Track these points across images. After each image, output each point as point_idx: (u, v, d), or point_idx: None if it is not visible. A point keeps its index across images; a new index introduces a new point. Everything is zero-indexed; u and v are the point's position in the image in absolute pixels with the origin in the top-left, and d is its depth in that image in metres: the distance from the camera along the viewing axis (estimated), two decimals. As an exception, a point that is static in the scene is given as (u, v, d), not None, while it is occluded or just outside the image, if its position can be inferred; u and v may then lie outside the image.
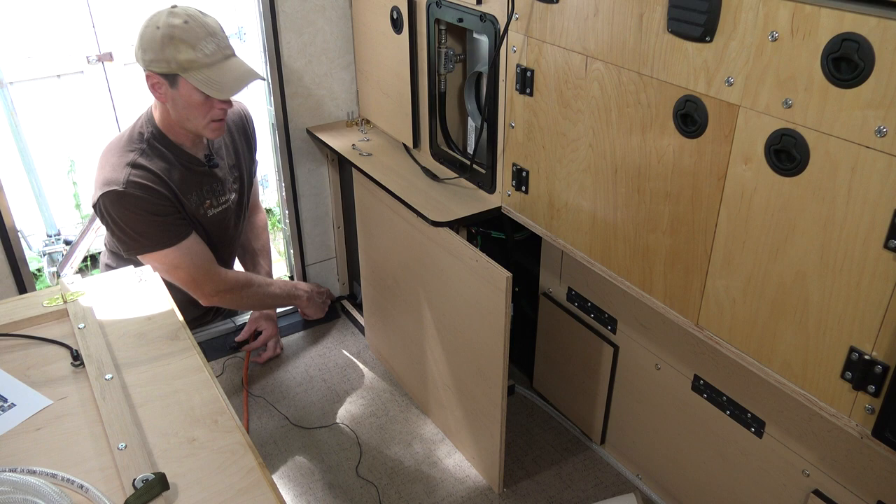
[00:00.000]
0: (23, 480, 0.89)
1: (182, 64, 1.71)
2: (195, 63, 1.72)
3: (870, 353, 1.02)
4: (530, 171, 1.58)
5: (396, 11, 1.83)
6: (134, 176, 1.79)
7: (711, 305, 1.25)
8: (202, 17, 1.75)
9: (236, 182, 2.08)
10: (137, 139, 1.85)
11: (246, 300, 2.12)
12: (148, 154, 1.84)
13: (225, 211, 2.04)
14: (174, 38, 1.70)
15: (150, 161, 1.83)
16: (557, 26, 1.37)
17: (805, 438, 1.39)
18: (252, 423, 2.09)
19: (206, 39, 1.73)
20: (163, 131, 1.87)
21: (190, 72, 1.72)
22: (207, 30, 1.74)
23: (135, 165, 1.80)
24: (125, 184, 1.77)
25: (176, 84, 1.75)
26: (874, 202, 0.95)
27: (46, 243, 3.55)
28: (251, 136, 2.16)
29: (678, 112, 1.18)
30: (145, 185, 1.79)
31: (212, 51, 1.74)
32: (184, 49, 1.70)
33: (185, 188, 1.90)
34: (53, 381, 1.12)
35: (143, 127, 1.87)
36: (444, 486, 1.88)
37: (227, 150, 2.05)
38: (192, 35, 1.71)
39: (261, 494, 0.94)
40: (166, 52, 1.70)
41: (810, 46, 0.96)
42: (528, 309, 2.15)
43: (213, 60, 1.74)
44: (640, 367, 1.75)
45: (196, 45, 1.71)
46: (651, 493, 1.86)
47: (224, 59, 1.77)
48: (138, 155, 1.82)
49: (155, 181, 1.81)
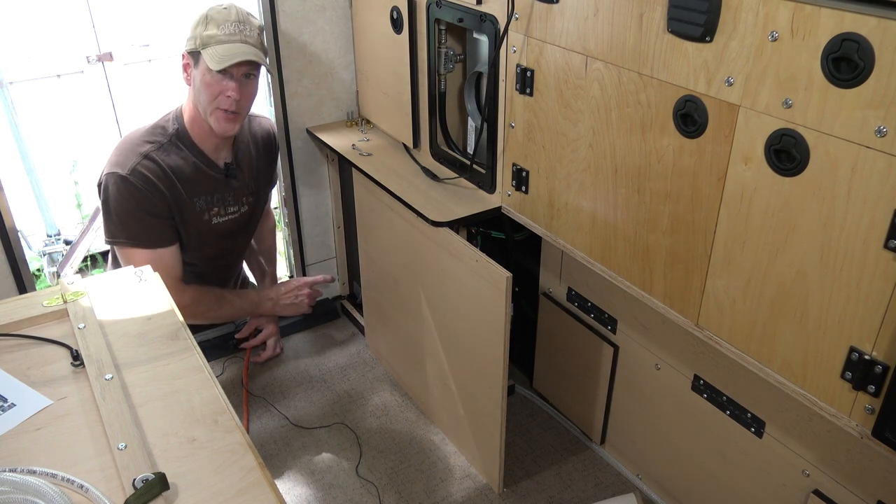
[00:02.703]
0: (23, 480, 0.89)
1: (203, 39, 1.76)
2: (213, 38, 1.76)
3: (870, 353, 1.02)
4: (530, 171, 1.58)
5: (396, 11, 1.83)
6: (141, 167, 1.80)
7: (711, 305, 1.25)
8: (244, 11, 1.81)
9: (251, 196, 2.08)
10: (160, 132, 1.87)
11: (203, 316, 2.07)
12: (165, 149, 1.85)
13: (233, 222, 2.05)
14: (208, 17, 1.77)
15: (166, 156, 1.84)
16: (557, 26, 1.37)
17: (805, 438, 1.38)
18: (252, 423, 2.09)
19: (234, 23, 1.77)
20: (187, 129, 1.88)
21: (207, 47, 1.76)
22: (240, 17, 1.79)
23: (147, 157, 1.82)
24: (131, 171, 1.79)
25: (198, 62, 1.79)
26: (874, 202, 0.95)
27: (46, 243, 3.55)
28: (274, 154, 2.17)
29: (678, 112, 1.18)
30: (149, 179, 1.80)
31: (231, 31, 1.77)
32: (211, 27, 1.76)
33: (194, 190, 1.90)
34: (53, 381, 1.12)
35: (169, 122, 1.89)
36: (444, 486, 1.88)
37: (249, 164, 2.06)
38: (224, 17, 1.77)
39: (261, 494, 0.94)
40: (197, 28, 1.77)
41: (810, 46, 0.96)
42: (528, 309, 2.15)
43: (228, 39, 1.77)
44: (640, 367, 1.75)
45: (221, 25, 1.76)
46: (651, 493, 1.86)
47: (238, 41, 1.79)
48: (155, 148, 1.84)
49: (161, 178, 1.82)
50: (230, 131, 1.87)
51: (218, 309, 2.09)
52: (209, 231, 2.00)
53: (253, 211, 2.12)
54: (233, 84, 1.79)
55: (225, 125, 1.85)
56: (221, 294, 2.11)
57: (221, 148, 1.95)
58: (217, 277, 2.16)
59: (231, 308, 2.12)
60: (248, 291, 2.24)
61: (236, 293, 2.19)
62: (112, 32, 3.76)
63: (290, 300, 2.24)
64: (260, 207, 2.16)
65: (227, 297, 2.12)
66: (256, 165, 2.09)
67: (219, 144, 1.93)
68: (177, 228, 1.92)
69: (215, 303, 2.07)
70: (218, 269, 2.16)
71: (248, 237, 2.20)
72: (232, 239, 2.11)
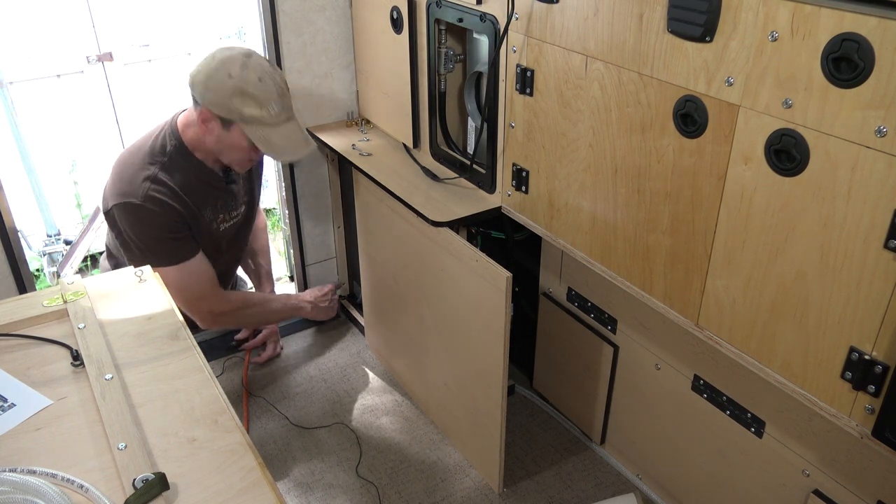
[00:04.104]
0: (23, 480, 0.89)
1: (244, 117, 1.73)
2: (258, 120, 1.74)
3: (870, 353, 1.02)
4: (530, 171, 1.58)
5: (396, 11, 1.83)
6: (152, 191, 1.78)
7: (711, 305, 1.25)
8: (274, 75, 1.77)
9: (247, 195, 2.09)
10: (160, 152, 1.84)
11: (245, 320, 2.13)
12: (168, 168, 1.83)
13: (236, 226, 2.06)
14: (245, 93, 1.71)
15: (170, 176, 1.82)
16: (557, 26, 1.37)
17: (805, 438, 1.39)
18: (252, 423, 2.09)
19: (274, 101, 1.75)
20: (188, 147, 1.86)
21: (250, 126, 1.74)
22: (278, 91, 1.76)
23: (154, 180, 1.80)
24: (143, 198, 1.78)
25: (229, 128, 1.77)
26: (874, 202, 0.95)
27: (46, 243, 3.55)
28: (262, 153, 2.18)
29: (678, 112, 1.18)
30: (162, 201, 1.79)
31: (276, 112, 1.76)
32: (251, 105, 1.72)
33: (202, 203, 1.90)
34: (53, 381, 1.12)
35: (165, 139, 1.86)
36: (444, 486, 1.88)
37: None
38: (264, 94, 1.73)
39: (261, 494, 0.94)
40: (233, 102, 1.72)
41: (810, 46, 0.96)
42: (528, 309, 2.15)
43: (275, 122, 1.76)
44: (640, 367, 1.75)
45: (264, 105, 1.73)
46: (651, 493, 1.86)
47: (285, 121, 1.79)
48: (159, 169, 1.81)
49: (172, 197, 1.81)
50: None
51: (264, 313, 2.13)
52: (220, 237, 2.01)
53: (249, 212, 2.13)
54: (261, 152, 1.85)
55: (247, 167, 1.94)
56: (264, 297, 2.17)
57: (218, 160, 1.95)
58: (223, 279, 2.15)
59: (274, 311, 2.18)
60: (284, 295, 2.29)
61: (276, 297, 2.24)
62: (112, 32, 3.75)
63: (325, 302, 2.32)
64: (254, 207, 2.17)
65: (270, 299, 2.17)
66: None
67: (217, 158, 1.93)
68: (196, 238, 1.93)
69: (260, 305, 2.12)
70: (224, 270, 2.15)
71: (247, 235, 2.21)
72: (236, 243, 2.12)
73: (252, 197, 2.13)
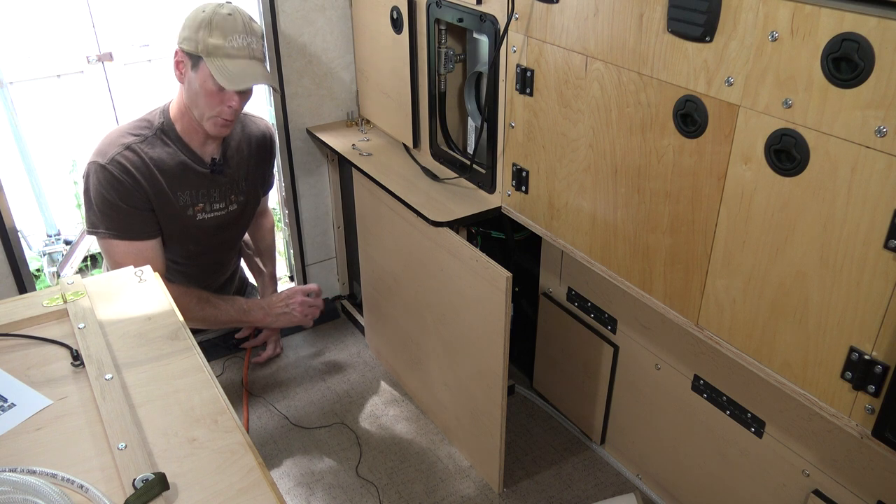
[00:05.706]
0: (23, 480, 0.89)
1: (208, 47, 1.74)
2: (220, 50, 1.74)
3: (870, 353, 1.02)
4: (530, 171, 1.58)
5: (396, 11, 1.83)
6: (122, 157, 1.80)
7: (711, 305, 1.25)
8: (247, 18, 1.79)
9: (241, 194, 2.06)
10: (146, 126, 1.87)
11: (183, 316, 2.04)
12: (150, 142, 1.84)
13: (220, 219, 2.02)
14: (212, 23, 1.74)
15: (150, 149, 1.83)
16: (557, 26, 1.37)
17: (805, 438, 1.39)
18: (252, 423, 2.09)
19: (240, 35, 1.76)
20: (174, 123, 1.87)
21: (212, 57, 1.74)
22: (246, 28, 1.77)
23: (129, 148, 1.81)
24: (110, 160, 1.79)
25: (197, 66, 1.77)
26: (874, 202, 0.95)
27: (46, 243, 3.55)
28: (269, 155, 2.16)
29: (678, 112, 1.18)
30: (127, 170, 1.80)
31: (240, 46, 1.76)
32: (216, 35, 1.73)
33: (178, 184, 1.89)
34: (53, 381, 1.12)
35: (155, 116, 1.89)
36: (444, 486, 1.88)
37: (239, 162, 2.03)
38: (230, 26, 1.74)
39: (261, 494, 0.94)
40: (200, 32, 1.74)
41: (810, 46, 0.96)
42: (528, 309, 2.15)
43: (237, 55, 1.76)
44: (640, 367, 1.75)
45: (228, 36, 1.74)
46: (651, 493, 1.86)
47: (247, 57, 1.78)
48: (139, 140, 1.83)
49: (141, 170, 1.81)
50: (224, 134, 1.90)
51: (200, 310, 2.01)
52: (194, 227, 1.98)
53: (243, 210, 2.09)
54: (236, 98, 1.80)
55: (221, 130, 1.87)
56: (206, 296, 2.04)
57: (209, 143, 1.93)
58: (205, 278, 2.13)
59: (215, 311, 2.05)
60: (238, 298, 2.17)
61: (223, 298, 2.11)
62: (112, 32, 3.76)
63: (280, 309, 2.15)
64: (251, 208, 2.14)
65: (211, 299, 2.05)
66: (247, 164, 2.06)
67: (206, 140, 1.92)
68: (158, 223, 1.91)
69: (197, 303, 2.00)
70: (204, 268, 2.13)
71: (235, 236, 2.17)
72: (217, 236, 2.07)
73: (247, 198, 2.09)
